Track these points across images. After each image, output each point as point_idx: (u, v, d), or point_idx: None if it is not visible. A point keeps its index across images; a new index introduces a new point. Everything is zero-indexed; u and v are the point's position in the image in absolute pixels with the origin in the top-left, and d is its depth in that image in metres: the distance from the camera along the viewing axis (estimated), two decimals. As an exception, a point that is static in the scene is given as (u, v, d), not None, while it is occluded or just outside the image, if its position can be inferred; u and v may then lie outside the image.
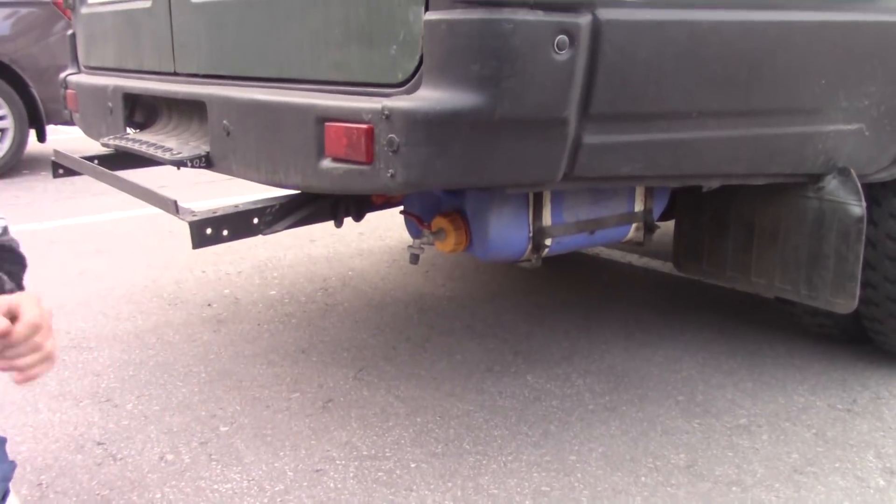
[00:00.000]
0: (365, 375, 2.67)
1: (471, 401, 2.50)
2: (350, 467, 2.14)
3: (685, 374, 2.68)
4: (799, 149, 2.14)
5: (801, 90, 2.05)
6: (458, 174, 1.69)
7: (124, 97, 2.66)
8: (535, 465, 2.15)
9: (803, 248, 2.34)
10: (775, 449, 2.23)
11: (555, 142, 1.73)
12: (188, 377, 2.67)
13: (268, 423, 2.36)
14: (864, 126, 2.21)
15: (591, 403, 2.48)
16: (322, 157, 1.84)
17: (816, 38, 2.02)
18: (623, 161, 1.88)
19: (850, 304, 2.27)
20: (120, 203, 4.82)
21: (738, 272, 2.53)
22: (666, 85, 1.82)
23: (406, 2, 1.69)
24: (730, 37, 1.89)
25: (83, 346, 2.92)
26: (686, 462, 2.16)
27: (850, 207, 2.22)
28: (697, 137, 1.95)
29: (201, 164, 2.24)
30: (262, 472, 2.12)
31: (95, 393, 2.56)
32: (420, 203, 2.36)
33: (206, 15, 2.31)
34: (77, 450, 2.23)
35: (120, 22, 2.78)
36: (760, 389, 2.56)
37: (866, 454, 2.21)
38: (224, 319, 3.16)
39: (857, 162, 2.26)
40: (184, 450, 2.23)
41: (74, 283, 3.63)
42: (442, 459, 2.18)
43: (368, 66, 1.82)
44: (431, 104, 1.62)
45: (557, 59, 1.64)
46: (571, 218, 2.25)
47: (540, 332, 3.03)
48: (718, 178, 2.14)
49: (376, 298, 3.40)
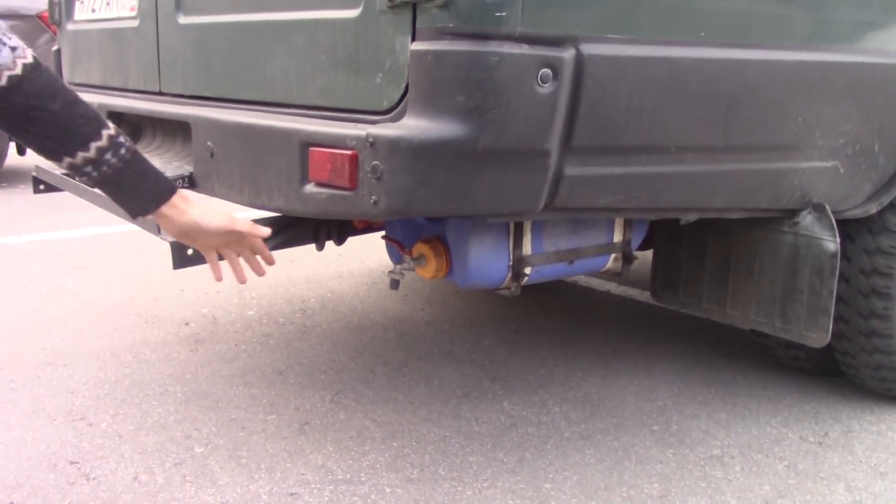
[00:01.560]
0: (342, 398, 2.67)
1: (447, 426, 2.50)
2: (325, 491, 2.14)
3: (660, 403, 2.70)
4: (775, 185, 2.18)
5: (778, 128, 2.09)
6: (441, 202, 1.71)
7: (108, 115, 2.66)
8: (510, 492, 2.16)
9: (778, 282, 2.37)
10: (748, 480, 2.25)
11: (537, 173, 1.75)
12: (164, 397, 2.65)
13: (243, 445, 2.36)
14: (839, 164, 2.26)
15: (566, 431, 2.49)
16: (305, 182, 1.85)
17: (794, 78, 2.07)
18: (603, 193, 1.90)
19: (824, 339, 2.31)
20: (98, 219, 4.79)
21: (714, 304, 2.56)
22: (646, 119, 1.85)
23: (393, 31, 1.71)
24: (709, 74, 1.92)
25: (58, 363, 2.90)
26: (660, 492, 2.18)
27: (825, 243, 2.26)
28: (676, 171, 1.98)
29: (184, 184, 2.24)
30: (236, 494, 2.12)
31: (70, 411, 2.54)
32: (401, 229, 2.37)
33: (194, 36, 2.32)
34: (50, 468, 2.21)
35: (106, 39, 2.78)
36: (734, 420, 2.59)
37: (836, 487, 2.23)
38: (202, 339, 3.15)
39: (832, 198, 2.30)
40: (158, 470, 2.22)
41: (51, 299, 3.60)
42: (417, 485, 2.18)
43: (354, 93, 1.84)
44: (416, 133, 1.64)
45: (541, 92, 1.66)
46: (551, 247, 2.27)
47: (517, 359, 3.04)
48: (696, 211, 2.17)
49: (355, 321, 3.41)
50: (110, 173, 1.46)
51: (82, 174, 1.46)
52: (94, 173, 1.45)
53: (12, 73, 1.31)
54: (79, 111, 1.41)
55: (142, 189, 1.51)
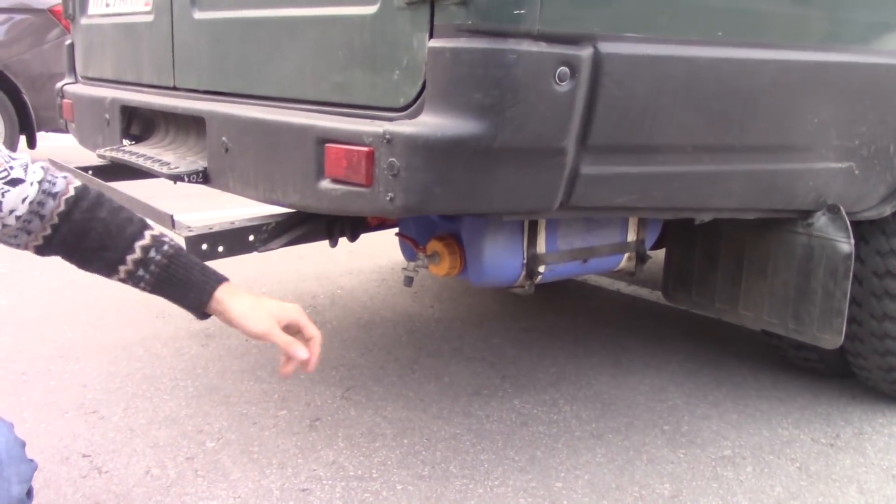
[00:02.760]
0: (353, 395, 2.67)
1: (458, 424, 2.50)
2: (337, 487, 2.14)
3: (671, 403, 2.70)
4: (790, 185, 2.18)
5: (794, 128, 2.08)
6: (458, 200, 1.71)
7: (122, 109, 2.67)
8: (521, 490, 2.16)
9: (791, 283, 2.37)
10: (759, 482, 2.24)
11: (553, 171, 1.75)
12: (175, 391, 2.66)
13: (255, 440, 2.36)
14: (855, 165, 2.25)
15: (577, 430, 2.49)
16: (321, 178, 1.86)
17: (811, 78, 2.06)
18: (618, 192, 1.90)
19: (837, 340, 2.30)
20: (109, 213, 4.80)
21: (726, 304, 2.55)
22: (662, 118, 1.85)
23: (410, 28, 1.71)
24: (726, 73, 1.92)
25: (70, 357, 2.91)
26: (671, 492, 2.18)
27: (839, 244, 2.26)
28: (691, 171, 1.98)
29: (198, 179, 2.25)
30: (248, 489, 2.12)
31: (81, 404, 2.55)
32: (415, 226, 2.37)
33: (209, 31, 2.32)
34: (62, 462, 2.22)
35: (120, 34, 2.79)
36: (745, 421, 2.59)
37: (849, 489, 2.23)
38: (212, 334, 3.15)
39: (847, 200, 2.29)
40: (170, 464, 2.22)
41: (63, 293, 3.61)
42: (428, 482, 2.18)
43: (370, 90, 1.84)
44: (433, 130, 1.64)
45: (558, 90, 1.66)
46: (565, 246, 2.27)
47: (528, 357, 3.04)
48: (711, 211, 2.16)
49: (365, 318, 3.41)
50: (158, 271, 1.50)
51: (137, 280, 1.52)
52: (147, 275, 1.50)
53: (68, 197, 1.48)
54: (124, 215, 1.52)
55: (192, 280, 1.53)
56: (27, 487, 1.57)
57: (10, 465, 1.52)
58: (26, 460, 1.57)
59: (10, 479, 1.52)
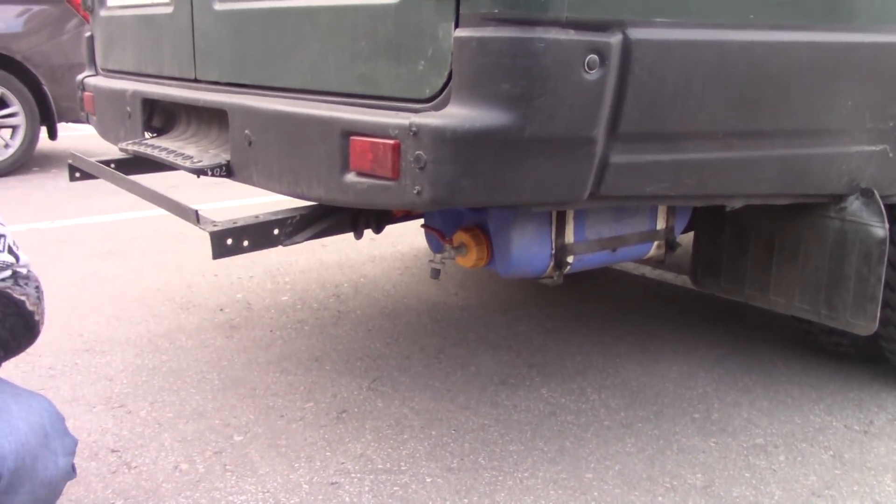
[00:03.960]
0: (379, 386, 2.66)
1: (486, 414, 2.49)
2: (365, 481, 2.13)
3: (700, 390, 2.67)
4: (823, 170, 2.13)
5: (827, 111, 2.04)
6: (486, 193, 1.68)
7: (143, 102, 2.66)
8: (551, 482, 2.14)
9: (824, 269, 2.33)
10: (793, 471, 2.22)
11: (582, 161, 1.72)
12: (201, 384, 2.66)
13: (282, 434, 2.35)
14: (889, 147, 2.20)
15: (606, 419, 2.47)
16: (346, 172, 1.83)
17: (844, 60, 2.01)
18: (649, 181, 1.86)
19: (871, 326, 2.26)
20: (131, 203, 4.81)
21: (756, 290, 2.51)
22: (693, 105, 1.81)
23: (436, 18, 1.68)
24: (758, 57, 1.88)
25: (96, 350, 2.92)
26: (703, 482, 2.15)
27: (873, 229, 2.21)
28: (723, 158, 1.94)
29: (221, 173, 2.23)
30: (277, 484, 2.11)
31: (109, 398, 2.55)
32: (441, 217, 2.35)
33: (230, 22, 2.30)
34: (91, 457, 2.22)
35: (140, 26, 2.77)
36: (776, 408, 2.55)
37: (884, 478, 2.19)
38: (237, 325, 3.15)
39: (881, 183, 2.25)
40: (198, 459, 2.22)
41: (86, 285, 3.62)
42: (458, 475, 2.17)
43: (395, 81, 1.81)
44: (460, 122, 1.61)
45: (588, 78, 1.63)
46: (594, 235, 2.24)
47: (554, 345, 3.01)
48: (742, 198, 2.12)
49: (389, 306, 3.39)
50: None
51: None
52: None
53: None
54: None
55: None
56: (72, 461, 1.60)
57: (55, 437, 1.56)
58: (69, 434, 1.60)
59: (57, 451, 1.56)
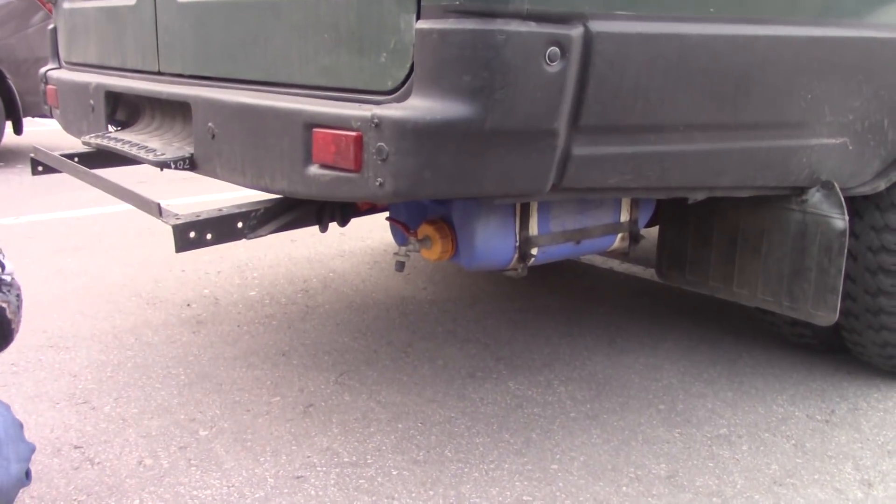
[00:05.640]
0: (346, 380, 2.66)
1: (452, 407, 2.49)
2: (331, 474, 2.13)
3: (666, 382, 2.69)
4: (784, 162, 2.16)
5: (787, 104, 2.06)
6: (448, 184, 1.68)
7: (106, 95, 2.63)
8: (517, 473, 2.15)
9: (786, 260, 2.35)
10: (755, 460, 2.24)
11: (544, 153, 1.72)
12: (167, 379, 2.64)
13: (248, 428, 2.34)
14: (848, 140, 2.23)
15: (572, 411, 2.48)
16: (309, 164, 1.83)
17: (804, 53, 2.04)
18: (611, 172, 1.88)
19: (831, 317, 2.29)
20: (97, 199, 4.77)
21: (720, 282, 2.54)
22: (655, 97, 1.82)
23: (397, 9, 1.68)
24: (719, 50, 1.89)
25: (60, 346, 2.89)
26: (667, 472, 2.17)
27: (833, 221, 2.24)
28: (684, 150, 1.96)
29: (185, 166, 2.21)
30: (242, 478, 2.11)
31: (73, 394, 2.53)
32: (406, 210, 2.35)
33: (192, 15, 2.28)
34: (54, 453, 2.20)
35: (103, 19, 2.74)
36: (740, 399, 2.58)
37: (844, 466, 2.23)
38: (203, 320, 3.13)
39: (841, 175, 2.28)
40: (163, 454, 2.21)
41: (51, 281, 3.58)
42: (424, 467, 2.17)
43: (357, 73, 1.80)
44: (422, 114, 1.61)
45: (549, 70, 1.63)
46: (558, 227, 2.25)
47: (522, 338, 3.03)
48: (704, 190, 2.14)
49: (357, 301, 3.39)
50: None
51: None
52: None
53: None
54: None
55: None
56: (26, 467, 1.58)
57: (8, 444, 1.53)
58: (25, 441, 1.58)
59: (9, 458, 1.54)
